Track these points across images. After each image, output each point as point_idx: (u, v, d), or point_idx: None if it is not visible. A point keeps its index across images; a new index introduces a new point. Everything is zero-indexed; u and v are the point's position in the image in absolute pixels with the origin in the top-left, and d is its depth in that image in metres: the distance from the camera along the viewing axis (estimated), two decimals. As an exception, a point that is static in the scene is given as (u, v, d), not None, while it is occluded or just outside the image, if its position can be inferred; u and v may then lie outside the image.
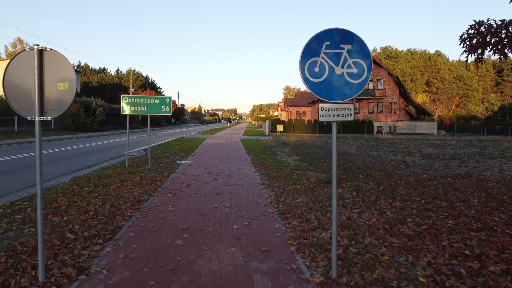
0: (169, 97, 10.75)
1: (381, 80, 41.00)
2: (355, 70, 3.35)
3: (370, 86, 41.43)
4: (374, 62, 41.29)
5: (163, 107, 10.59)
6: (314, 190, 7.79)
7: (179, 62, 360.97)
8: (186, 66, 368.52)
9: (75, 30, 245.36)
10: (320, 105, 3.37)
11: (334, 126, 3.38)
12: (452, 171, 11.55)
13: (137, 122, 47.61)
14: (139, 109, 10.51)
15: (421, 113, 47.49)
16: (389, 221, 5.48)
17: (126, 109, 10.48)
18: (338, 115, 3.36)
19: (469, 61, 6.47)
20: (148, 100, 10.57)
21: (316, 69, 3.34)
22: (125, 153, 14.92)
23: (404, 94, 43.89)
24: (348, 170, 10.74)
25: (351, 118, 3.34)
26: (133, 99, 10.50)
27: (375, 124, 39.20)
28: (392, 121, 41.13)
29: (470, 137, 38.05)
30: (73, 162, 12.07)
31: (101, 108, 34.74)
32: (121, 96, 10.54)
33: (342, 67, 3.35)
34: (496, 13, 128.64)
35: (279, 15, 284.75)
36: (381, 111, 41.15)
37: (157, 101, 10.59)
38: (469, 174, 10.69)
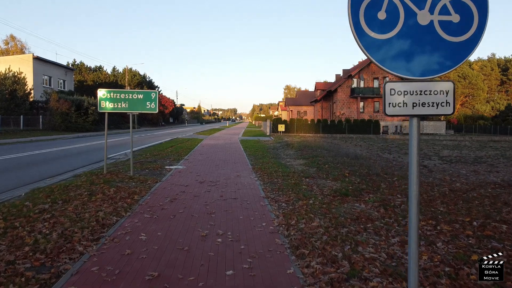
0: (155, 92, 9.15)
1: (387, 78, 39.28)
2: (455, 17, 1.73)
3: (376, 84, 39.76)
4: (380, 59, 39.67)
5: (147, 103, 8.99)
6: (331, 206, 6.19)
7: (179, 62, 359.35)
8: (185, 66, 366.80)
9: (75, 30, 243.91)
10: (390, 85, 1.76)
11: (414, 124, 1.76)
12: (485, 178, 9.94)
13: (134, 121, 46.03)
14: (119, 106, 8.91)
15: (428, 113, 45.74)
16: (447, 259, 3.87)
17: (104, 105, 8.89)
18: (423, 104, 1.74)
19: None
20: (130, 95, 8.96)
21: (381, 15, 1.73)
22: (110, 156, 13.35)
23: (410, 93, 42.20)
24: (366, 178, 9.13)
25: (449, 111, 1.72)
26: (112, 94, 8.90)
27: (381, 123, 37.54)
28: (398, 121, 39.50)
29: (481, 137, 36.43)
30: (46, 168, 10.47)
31: (94, 107, 33.05)
32: (98, 90, 8.95)
33: (432, 11, 1.73)
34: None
35: (278, 14, 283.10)
36: (386, 110, 39.41)
37: (140, 96, 8.98)
38: (509, 183, 9.08)
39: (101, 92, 8.87)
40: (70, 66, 51.65)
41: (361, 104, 39.66)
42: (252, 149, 16.86)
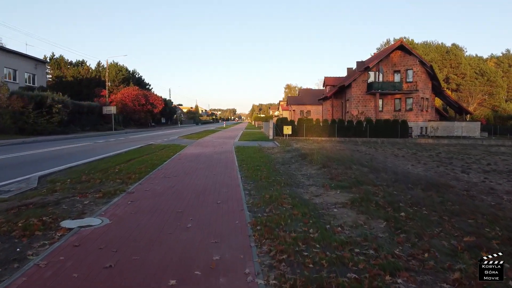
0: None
1: (411, 71, 33.45)
2: None
3: (397, 78, 33.99)
4: (403, 48, 33.91)
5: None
6: None
7: (177, 61, 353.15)
8: (184, 65, 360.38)
9: (75, 27, 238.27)
10: None
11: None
12: None
13: (117, 122, 39.97)
14: None
15: (457, 112, 40.10)
16: None
17: None
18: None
19: None
20: None
21: None
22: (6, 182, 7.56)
23: (437, 89, 36.46)
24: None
25: None
26: None
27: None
28: (424, 121, 33.73)
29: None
30: None
31: (60, 105, 27.46)
32: None
33: None
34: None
35: (277, 15, 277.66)
36: (410, 109, 33.59)
37: None
38: None
39: None
40: (48, 59, 45.96)
41: (380, 101, 33.90)
42: (252, 164, 11.17)
